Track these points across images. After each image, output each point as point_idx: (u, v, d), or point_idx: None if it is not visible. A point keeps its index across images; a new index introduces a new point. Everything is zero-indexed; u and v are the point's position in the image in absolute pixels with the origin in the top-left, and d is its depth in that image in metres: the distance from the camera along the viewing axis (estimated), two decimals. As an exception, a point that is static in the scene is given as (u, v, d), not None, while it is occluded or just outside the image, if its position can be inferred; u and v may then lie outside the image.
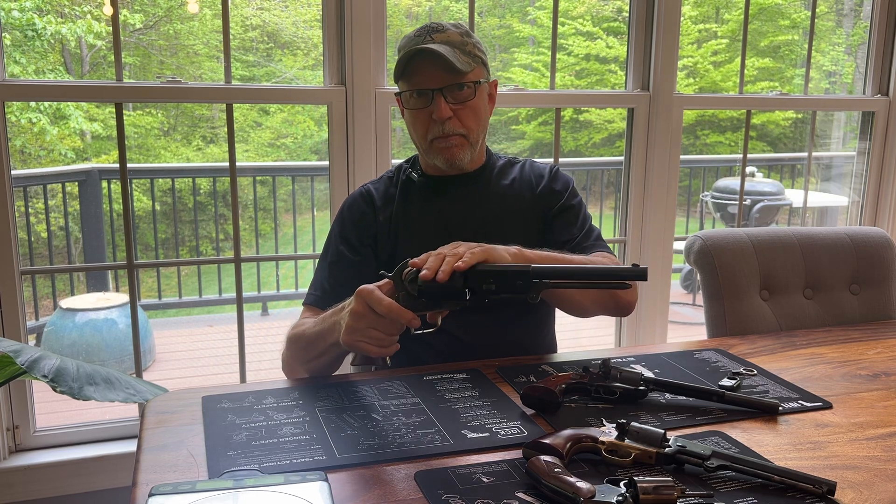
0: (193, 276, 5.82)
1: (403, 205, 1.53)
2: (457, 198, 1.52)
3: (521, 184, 1.56)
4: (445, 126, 1.43)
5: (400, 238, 1.50)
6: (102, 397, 1.52)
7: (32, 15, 6.58)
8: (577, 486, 0.90)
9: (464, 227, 1.49)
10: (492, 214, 1.52)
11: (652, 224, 2.49)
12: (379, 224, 1.52)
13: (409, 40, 1.44)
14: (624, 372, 1.24)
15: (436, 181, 1.54)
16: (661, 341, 2.54)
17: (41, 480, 2.05)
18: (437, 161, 1.48)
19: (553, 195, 1.55)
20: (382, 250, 1.51)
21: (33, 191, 5.03)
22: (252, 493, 0.88)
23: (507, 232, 1.50)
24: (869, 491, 0.98)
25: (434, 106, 1.42)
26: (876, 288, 1.91)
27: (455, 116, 1.43)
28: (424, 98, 1.43)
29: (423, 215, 1.52)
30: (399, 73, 1.44)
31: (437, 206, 1.52)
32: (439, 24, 1.44)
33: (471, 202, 1.53)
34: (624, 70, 2.54)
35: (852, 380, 1.38)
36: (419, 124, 1.46)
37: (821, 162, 5.63)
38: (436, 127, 1.44)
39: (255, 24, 8.75)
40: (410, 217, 1.52)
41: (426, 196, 1.53)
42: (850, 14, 8.12)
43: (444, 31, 1.43)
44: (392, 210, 1.53)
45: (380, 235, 1.51)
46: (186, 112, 8.64)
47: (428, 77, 1.41)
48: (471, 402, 1.21)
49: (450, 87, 1.42)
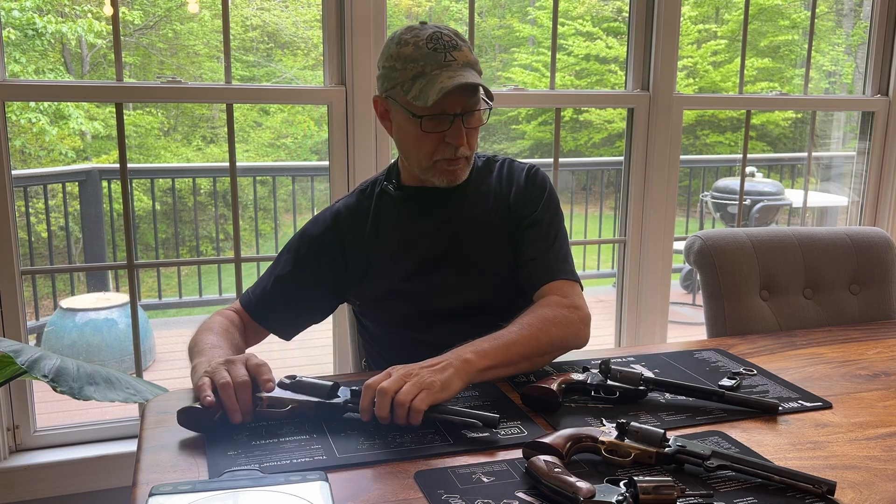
0: (194, 276, 5.82)
1: (377, 219, 1.49)
2: (431, 212, 1.49)
3: (495, 190, 1.51)
4: (458, 150, 1.38)
5: (373, 257, 1.47)
6: (103, 397, 1.52)
7: (32, 14, 6.58)
8: (576, 485, 0.90)
9: (438, 240, 1.47)
10: (462, 227, 1.48)
11: (652, 224, 2.49)
12: (346, 243, 1.48)
13: (427, 56, 1.33)
14: (624, 372, 1.24)
15: (412, 193, 1.49)
16: (660, 341, 2.54)
17: (41, 480, 2.05)
18: (436, 180, 1.43)
19: (526, 204, 1.49)
20: (352, 270, 1.47)
21: (33, 191, 5.03)
22: (252, 493, 0.88)
23: (481, 242, 1.47)
24: (869, 491, 0.98)
25: (452, 131, 1.36)
26: (876, 288, 1.91)
27: (466, 139, 1.39)
28: (441, 122, 1.36)
29: (398, 229, 1.48)
30: (419, 94, 1.33)
31: (412, 220, 1.48)
32: (450, 38, 1.36)
33: (446, 213, 1.48)
34: (624, 70, 2.54)
35: (852, 380, 1.38)
36: (427, 144, 1.38)
37: (821, 162, 5.63)
38: (447, 150, 1.38)
39: (255, 24, 8.75)
40: (384, 231, 1.48)
41: (401, 209, 1.49)
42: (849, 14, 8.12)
43: (459, 48, 1.35)
44: (365, 225, 1.49)
45: (348, 255, 1.47)
46: (186, 112, 8.64)
47: (453, 102, 1.34)
48: (471, 402, 1.21)
49: (470, 112, 1.37)
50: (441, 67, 1.33)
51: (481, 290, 1.47)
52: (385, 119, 1.45)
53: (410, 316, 1.47)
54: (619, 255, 2.58)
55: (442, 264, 1.47)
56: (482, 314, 1.45)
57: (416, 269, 1.46)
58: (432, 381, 1.12)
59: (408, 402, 1.09)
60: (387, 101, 1.42)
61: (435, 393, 1.11)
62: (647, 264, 2.52)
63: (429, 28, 1.37)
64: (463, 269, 1.47)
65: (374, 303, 1.51)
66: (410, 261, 1.47)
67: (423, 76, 1.33)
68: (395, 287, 1.46)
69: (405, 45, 1.35)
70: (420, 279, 1.46)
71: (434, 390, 1.11)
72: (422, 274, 1.46)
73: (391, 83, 1.37)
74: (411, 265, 1.46)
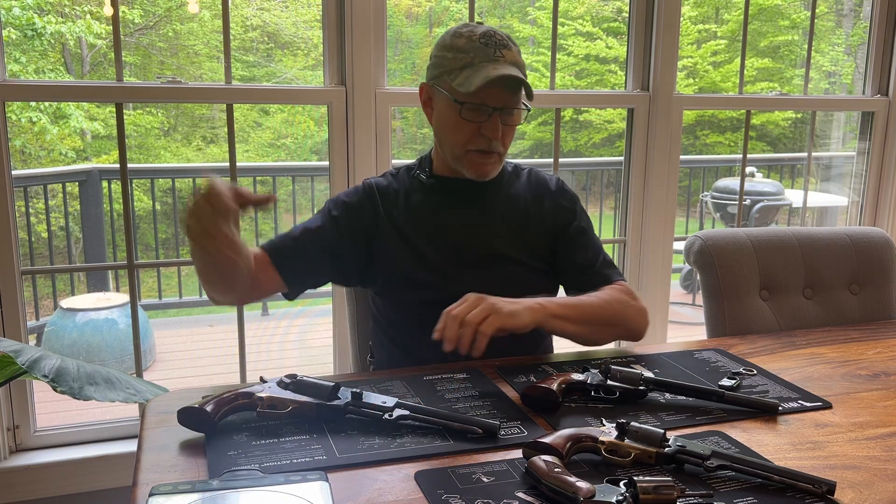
0: (194, 276, 5.80)
1: (407, 203, 1.51)
2: (463, 203, 1.51)
3: (527, 194, 1.55)
4: (492, 143, 1.42)
5: (403, 236, 1.48)
6: (103, 397, 1.52)
7: (32, 14, 6.59)
8: (576, 485, 0.90)
9: (468, 234, 1.49)
10: (497, 223, 1.51)
11: (652, 224, 2.49)
12: (380, 217, 1.49)
13: (478, 49, 1.39)
14: (624, 372, 1.25)
15: (444, 183, 1.52)
16: (661, 341, 2.54)
17: (41, 480, 2.05)
18: (466, 171, 1.46)
19: (563, 213, 1.56)
20: (383, 244, 1.48)
21: (34, 191, 5.03)
22: (252, 493, 0.88)
23: (516, 241, 1.50)
24: (869, 491, 0.99)
25: (490, 124, 1.41)
26: (875, 288, 1.91)
27: (501, 135, 1.43)
28: (481, 113, 1.40)
29: (428, 217, 1.50)
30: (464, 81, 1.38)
31: (443, 209, 1.51)
32: (502, 38, 1.42)
33: (477, 209, 1.51)
34: (624, 70, 2.54)
35: (852, 380, 1.38)
36: (463, 132, 1.43)
37: (820, 162, 5.63)
38: (481, 141, 1.42)
39: (255, 24, 8.75)
40: (415, 217, 1.50)
41: (432, 198, 1.51)
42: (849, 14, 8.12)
43: (510, 48, 1.41)
44: (395, 206, 1.51)
45: (380, 229, 1.49)
46: (187, 112, 8.64)
47: (496, 96, 1.39)
48: (471, 401, 1.21)
49: (509, 109, 1.42)
50: (490, 60, 1.39)
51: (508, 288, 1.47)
52: (427, 106, 1.50)
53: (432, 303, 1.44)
54: (619, 255, 2.58)
55: (473, 257, 1.48)
56: None
57: (447, 257, 1.48)
58: (501, 307, 1.18)
59: (475, 323, 1.12)
60: (432, 89, 1.47)
61: (503, 318, 1.16)
62: (647, 264, 2.52)
63: (484, 27, 1.43)
64: (494, 264, 1.49)
65: (396, 285, 1.49)
66: (441, 248, 1.48)
67: (471, 66, 1.39)
68: (421, 272, 1.47)
69: (459, 37, 1.41)
70: (449, 268, 1.47)
71: (502, 315, 1.16)
72: (451, 263, 1.47)
73: (440, 70, 1.43)
74: (442, 253, 1.48)
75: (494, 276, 1.47)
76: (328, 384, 1.14)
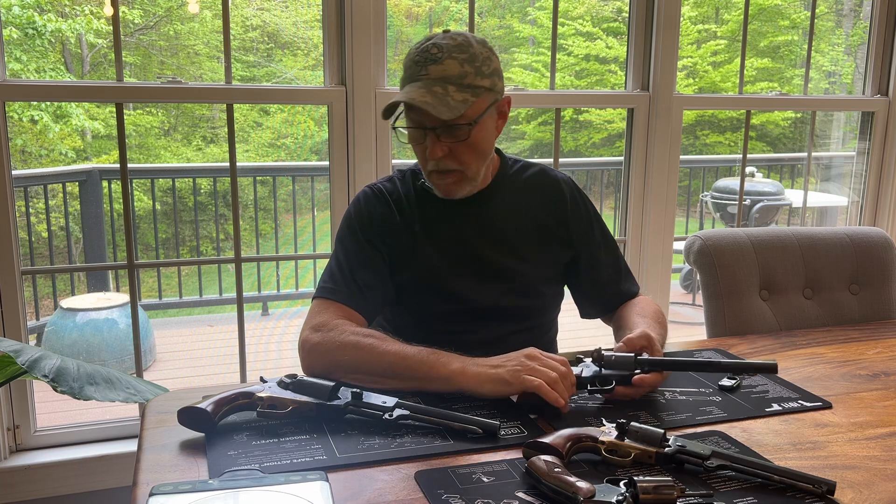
0: (194, 276, 5.82)
1: (420, 210, 1.46)
2: (472, 213, 1.47)
3: (537, 194, 1.51)
4: (440, 163, 1.36)
5: (416, 243, 1.44)
6: (103, 397, 1.52)
7: (33, 13, 6.59)
8: (576, 485, 0.90)
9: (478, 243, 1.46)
10: (507, 230, 1.48)
11: (652, 224, 2.49)
12: (397, 224, 1.45)
13: (410, 64, 1.34)
14: (617, 356, 1.23)
15: None
16: (661, 341, 2.54)
17: (41, 480, 2.05)
18: (435, 191, 1.43)
19: (580, 222, 1.53)
20: (401, 253, 1.44)
21: (34, 191, 5.03)
22: (252, 493, 0.88)
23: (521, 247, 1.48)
24: (868, 491, 0.99)
25: (428, 144, 1.35)
26: (875, 288, 1.91)
27: (451, 153, 1.35)
28: (419, 133, 1.36)
29: (441, 226, 1.46)
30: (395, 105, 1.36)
31: (454, 218, 1.47)
32: (439, 51, 1.32)
33: (485, 218, 1.47)
34: (624, 70, 2.54)
35: (852, 379, 1.38)
36: (418, 154, 1.40)
37: (820, 162, 5.63)
38: (430, 162, 1.37)
39: (255, 24, 8.75)
40: (429, 226, 1.46)
41: (441, 207, 1.46)
42: (849, 14, 8.11)
43: (440, 61, 1.31)
44: (408, 213, 1.46)
45: (399, 236, 1.45)
46: (187, 112, 8.64)
47: (424, 116, 1.32)
48: (471, 401, 1.21)
49: (443, 128, 1.33)
50: (411, 81, 1.34)
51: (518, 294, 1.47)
52: None
53: (443, 312, 1.45)
54: (619, 255, 2.58)
55: (483, 265, 1.45)
56: (514, 318, 1.46)
57: (457, 265, 1.44)
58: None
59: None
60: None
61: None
62: (647, 264, 2.52)
63: (434, 39, 1.35)
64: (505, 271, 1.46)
65: (409, 290, 1.46)
66: (452, 256, 1.45)
67: (402, 88, 1.36)
68: (433, 279, 1.44)
69: (408, 54, 1.37)
70: (460, 276, 1.44)
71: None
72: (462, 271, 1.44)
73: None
74: (452, 260, 1.44)
75: (503, 282, 1.46)
76: (328, 384, 1.14)
